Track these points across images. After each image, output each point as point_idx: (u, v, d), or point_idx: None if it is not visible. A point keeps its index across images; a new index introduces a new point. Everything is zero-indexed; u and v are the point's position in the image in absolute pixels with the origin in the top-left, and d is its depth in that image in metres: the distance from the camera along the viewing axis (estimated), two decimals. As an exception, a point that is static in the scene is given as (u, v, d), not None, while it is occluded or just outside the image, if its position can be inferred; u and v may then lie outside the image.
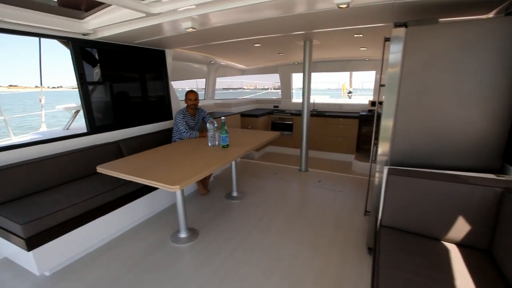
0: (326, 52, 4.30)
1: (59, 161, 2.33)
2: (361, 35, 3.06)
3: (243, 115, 5.22)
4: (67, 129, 3.29)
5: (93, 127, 2.77)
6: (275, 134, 3.09)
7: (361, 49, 3.96)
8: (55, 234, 1.84)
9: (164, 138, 3.27)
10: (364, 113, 4.80)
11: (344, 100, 6.92)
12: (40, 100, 3.67)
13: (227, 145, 2.47)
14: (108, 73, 2.96)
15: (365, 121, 4.91)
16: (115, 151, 2.77)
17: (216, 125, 2.53)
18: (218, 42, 3.22)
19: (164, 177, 1.74)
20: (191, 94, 3.04)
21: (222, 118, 2.43)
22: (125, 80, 3.20)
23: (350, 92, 9.20)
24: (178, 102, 3.88)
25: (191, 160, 2.11)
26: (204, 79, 5.42)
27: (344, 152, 5.02)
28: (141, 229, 2.47)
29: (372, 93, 5.48)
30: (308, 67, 3.57)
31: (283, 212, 2.73)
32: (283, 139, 5.51)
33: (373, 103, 4.96)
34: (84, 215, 2.02)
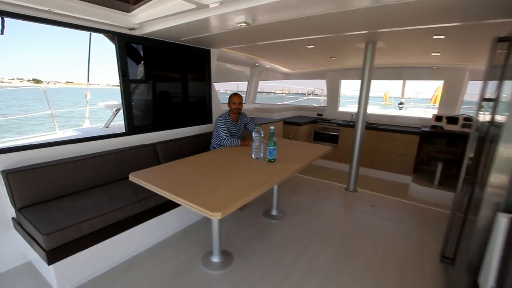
0: (387, 57, 3.75)
1: (93, 162, 2.18)
2: (442, 36, 2.51)
3: (286, 122, 4.84)
4: (107, 127, 3.23)
5: (131, 128, 2.62)
6: (326, 148, 2.66)
7: (432, 54, 3.36)
8: (79, 247, 1.64)
9: (202, 143, 3.04)
10: (427, 129, 4.12)
11: (395, 112, 6.18)
12: (86, 96, 3.70)
13: (273, 159, 2.11)
14: (151, 72, 2.81)
15: (427, 139, 4.22)
16: (151, 154, 2.59)
17: (262, 135, 2.19)
18: (268, 42, 2.90)
19: (203, 197, 1.44)
20: (236, 97, 2.76)
21: (271, 127, 2.08)
22: (167, 80, 3.03)
23: (401, 103, 8.31)
24: (219, 105, 3.64)
25: (233, 176, 1.79)
26: (246, 82, 5.18)
27: (398, 172, 4.37)
28: (170, 244, 2.22)
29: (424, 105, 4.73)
30: (369, 73, 3.09)
31: (332, 242, 2.28)
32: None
33: (438, 118, 4.24)
34: (111, 226, 1.81)
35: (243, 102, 3.50)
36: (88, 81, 3.67)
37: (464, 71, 3.99)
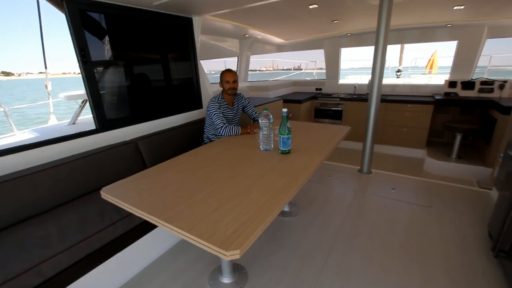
0: (403, 15, 3.24)
1: (57, 172, 1.68)
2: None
3: (286, 100, 4.35)
4: (73, 123, 2.66)
5: (103, 123, 2.09)
6: (345, 129, 2.24)
7: (455, 8, 2.87)
8: (41, 298, 1.20)
9: (194, 132, 2.55)
10: (440, 97, 3.74)
11: (399, 80, 5.78)
12: (46, 87, 3.04)
13: (288, 150, 1.67)
14: (121, 50, 2.23)
15: (441, 108, 3.86)
16: (133, 153, 2.09)
17: (272, 120, 1.73)
18: (263, 2, 2.34)
19: (208, 224, 1.00)
20: (229, 75, 2.24)
21: (284, 110, 1.62)
22: (143, 60, 2.45)
23: (399, 71, 7.89)
24: (209, 86, 3.11)
25: (242, 180, 1.35)
26: (235, 58, 4.58)
27: (409, 146, 4.05)
28: (168, 263, 1.81)
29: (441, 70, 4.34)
30: (384, 36, 2.59)
31: (359, 238, 1.93)
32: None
33: (452, 84, 3.86)
34: (85, 260, 1.37)
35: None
36: (46, 68, 3.00)
37: (482, 28, 3.54)
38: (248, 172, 1.45)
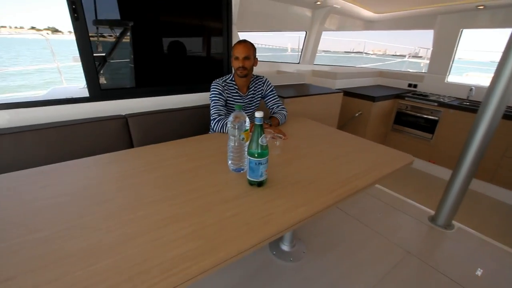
0: None
1: (22, 139, 1.53)
2: None
3: (349, 93, 3.33)
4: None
5: (96, 91, 1.86)
6: (404, 160, 1.32)
7: None
8: None
9: (203, 117, 2.10)
10: None
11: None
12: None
13: (261, 181, 1.00)
14: (129, 7, 1.90)
15: None
16: (119, 131, 1.80)
17: (247, 126, 1.06)
18: None
19: None
20: (238, 48, 1.61)
21: (258, 115, 0.93)
22: (157, 23, 2.07)
23: None
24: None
25: (158, 215, 0.81)
26: (304, 33, 3.72)
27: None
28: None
29: None
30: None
31: None
32: (412, 142, 3.36)
33: None
34: None
35: (295, 62, 2.18)
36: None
37: None
38: (180, 200, 0.89)
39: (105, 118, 1.79)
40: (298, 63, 3.90)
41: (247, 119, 1.05)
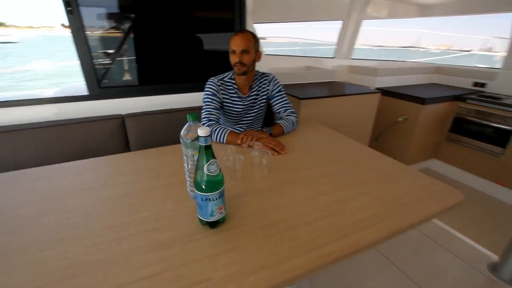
0: None
1: (13, 139, 1.50)
2: None
3: (387, 92, 2.76)
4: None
5: (95, 89, 1.77)
6: (454, 196, 0.91)
7: None
8: None
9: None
10: None
11: None
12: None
13: (217, 221, 0.72)
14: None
15: None
16: (115, 133, 1.69)
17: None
18: None
19: None
20: (235, 39, 1.32)
21: (201, 133, 0.65)
22: (161, 16, 1.89)
23: None
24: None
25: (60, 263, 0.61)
26: (341, 22, 3.23)
27: None
28: None
29: None
30: None
31: None
32: (473, 157, 2.68)
33: None
34: None
35: (330, 56, 1.80)
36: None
37: None
38: (102, 239, 0.67)
39: (100, 118, 1.69)
40: (333, 57, 3.43)
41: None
